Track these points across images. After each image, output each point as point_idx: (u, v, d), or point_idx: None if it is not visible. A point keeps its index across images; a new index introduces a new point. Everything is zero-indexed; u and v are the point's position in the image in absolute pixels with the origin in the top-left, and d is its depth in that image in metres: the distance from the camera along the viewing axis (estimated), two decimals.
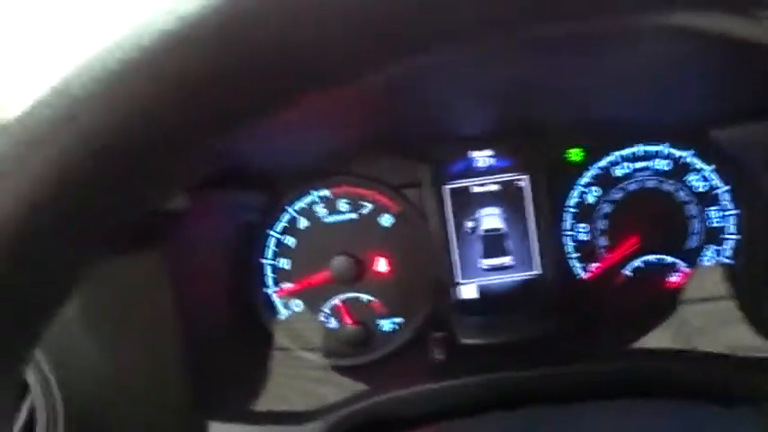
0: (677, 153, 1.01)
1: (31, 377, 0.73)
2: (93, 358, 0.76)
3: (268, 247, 1.06)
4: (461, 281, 1.05)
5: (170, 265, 0.83)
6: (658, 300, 1.02)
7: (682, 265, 1.02)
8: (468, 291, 1.05)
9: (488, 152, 1.04)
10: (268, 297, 1.06)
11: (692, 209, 1.02)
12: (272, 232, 1.06)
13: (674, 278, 1.03)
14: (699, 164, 1.01)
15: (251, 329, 1.03)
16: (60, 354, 0.74)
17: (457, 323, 1.02)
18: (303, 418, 0.83)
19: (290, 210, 1.06)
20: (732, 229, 1.01)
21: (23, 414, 0.73)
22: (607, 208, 1.03)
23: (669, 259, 1.03)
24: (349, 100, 0.79)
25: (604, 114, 0.98)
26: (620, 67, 0.77)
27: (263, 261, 1.06)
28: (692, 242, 1.02)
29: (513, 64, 0.75)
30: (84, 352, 0.76)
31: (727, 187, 1.00)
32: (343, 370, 1.03)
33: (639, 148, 1.02)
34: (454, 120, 0.97)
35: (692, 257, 1.02)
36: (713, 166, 1.00)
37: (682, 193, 1.02)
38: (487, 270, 1.05)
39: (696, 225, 1.02)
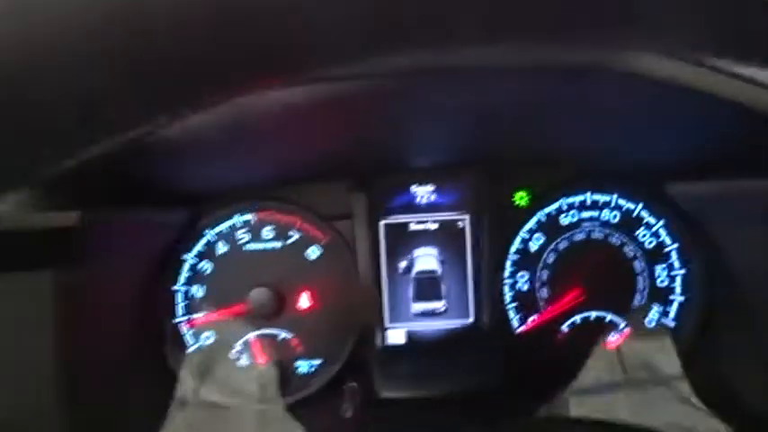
0: (628, 204, 0.95)
1: None
2: None
3: (181, 272, 0.96)
4: (389, 324, 0.97)
5: (62, 293, 0.73)
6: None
7: (623, 324, 0.96)
8: (396, 335, 0.97)
9: (430, 187, 0.96)
10: (176, 328, 0.96)
11: (640, 265, 0.96)
12: (187, 256, 0.96)
13: (613, 339, 0.96)
14: (649, 218, 0.95)
15: (154, 364, 0.92)
16: None
17: (380, 371, 0.93)
18: None
19: (208, 233, 0.96)
20: (678, 289, 0.95)
21: None
22: (551, 257, 0.97)
23: (610, 317, 0.96)
24: (284, 119, 0.71)
25: (555, 157, 0.92)
26: (577, 109, 0.71)
27: (175, 288, 0.96)
28: (637, 300, 0.96)
29: (467, 96, 0.68)
30: None
31: (676, 245, 0.94)
32: (250, 413, 0.93)
33: (588, 196, 0.96)
34: (397, 150, 0.89)
35: (635, 317, 0.96)
36: (663, 221, 0.94)
37: (629, 248, 0.96)
38: (418, 315, 0.97)
39: (642, 282, 0.96)
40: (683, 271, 0.95)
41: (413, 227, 0.96)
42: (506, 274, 0.97)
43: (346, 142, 0.82)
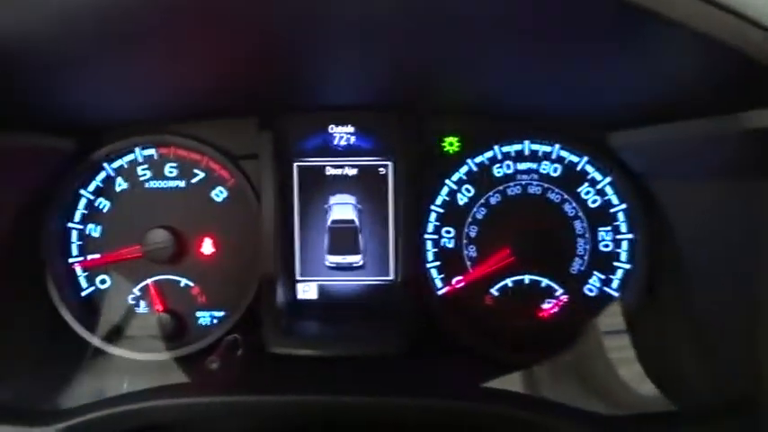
0: (571, 156, 0.84)
1: None
2: None
3: (76, 209, 0.89)
4: (300, 277, 0.88)
5: None
6: (527, 329, 0.85)
7: (559, 291, 0.86)
8: (307, 290, 0.88)
9: (350, 128, 0.86)
10: (68, 268, 0.89)
11: (581, 226, 0.85)
12: (83, 192, 0.88)
13: (547, 306, 0.86)
14: (594, 173, 0.84)
15: (34, 303, 0.85)
16: None
17: (283, 328, 0.84)
18: (40, 420, 0.67)
19: (107, 167, 0.88)
20: (624, 256, 0.84)
21: None
22: (480, 213, 0.86)
23: (546, 282, 0.86)
24: (195, 43, 0.62)
25: (491, 101, 0.81)
26: (519, 48, 0.61)
27: (69, 225, 0.88)
28: (576, 266, 0.85)
29: (397, 30, 0.58)
30: None
31: (623, 206, 0.83)
32: (138, 364, 0.86)
33: (526, 146, 0.85)
34: (315, 84, 0.79)
35: (573, 284, 0.85)
36: (610, 179, 0.83)
37: (570, 206, 0.85)
38: (332, 269, 0.88)
39: (582, 246, 0.85)
40: (629, 236, 0.84)
41: (329, 171, 0.87)
42: (430, 228, 0.87)
43: (248, 67, 0.72)
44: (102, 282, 0.89)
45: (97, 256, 0.89)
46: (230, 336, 0.81)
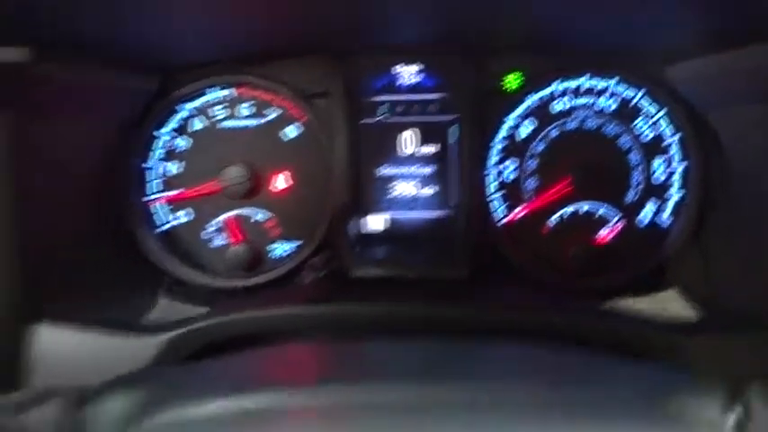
0: (627, 91, 0.89)
1: None
2: None
3: (155, 148, 0.94)
4: (368, 209, 0.93)
5: (19, 138, 0.71)
6: (584, 255, 0.91)
7: (615, 219, 0.91)
8: (375, 221, 0.94)
9: (414, 67, 0.91)
10: (146, 205, 0.94)
11: (635, 158, 0.90)
12: (161, 131, 0.93)
13: (603, 234, 0.91)
14: (650, 106, 0.88)
15: (117, 237, 0.90)
16: None
17: (356, 255, 0.90)
18: (146, 330, 0.73)
19: (184, 108, 0.93)
20: (677, 185, 0.89)
21: None
22: (540, 146, 0.91)
23: (602, 211, 0.91)
24: None
25: (552, 37, 0.85)
26: None
27: (147, 163, 0.93)
28: (631, 195, 0.90)
29: None
30: None
31: (678, 135, 0.88)
32: (219, 292, 0.92)
33: (585, 81, 0.89)
34: (383, 25, 0.83)
35: (628, 212, 0.91)
36: (665, 111, 0.88)
37: (625, 139, 0.90)
38: (398, 201, 0.93)
39: (637, 176, 0.90)
40: (682, 165, 0.89)
41: (396, 108, 0.92)
42: (492, 162, 0.92)
43: (320, 7, 0.77)
44: (181, 217, 0.94)
45: (176, 192, 0.94)
46: (313, 259, 0.87)
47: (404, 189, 0.93)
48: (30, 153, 0.73)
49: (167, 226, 0.94)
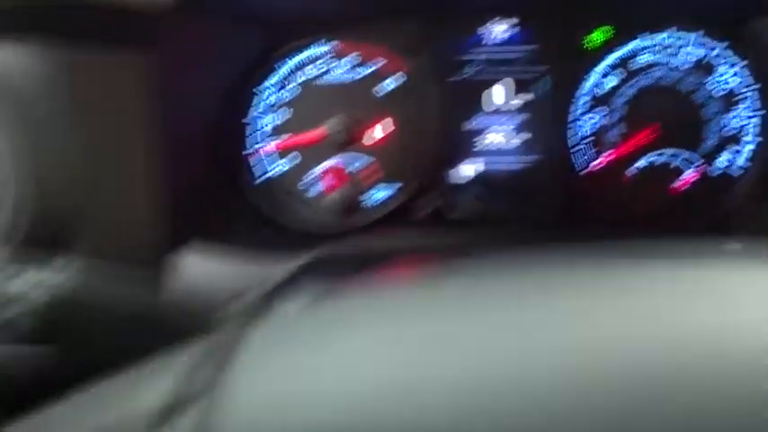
0: (708, 45, 0.95)
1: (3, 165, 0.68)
2: (68, 155, 0.71)
3: (258, 102, 1.00)
4: (460, 158, 1.00)
5: (153, 78, 0.77)
6: (663, 202, 0.97)
7: (691, 168, 0.97)
8: (467, 169, 1.00)
9: (504, 25, 0.97)
10: (254, 154, 1.01)
11: (713, 108, 0.96)
12: (263, 86, 1.00)
13: (680, 183, 0.97)
14: (730, 59, 0.94)
15: (225, 187, 0.97)
16: (37, 145, 0.69)
17: (450, 200, 0.97)
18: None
19: (286, 63, 1.00)
20: (752, 133, 0.95)
21: None
22: (623, 98, 0.97)
23: (679, 161, 0.97)
24: None
25: None
26: None
27: (250, 117, 1.00)
28: (707, 145, 0.97)
29: None
30: (60, 147, 0.71)
31: (755, 87, 0.94)
32: (324, 237, 0.98)
33: (668, 36, 0.96)
34: None
35: (704, 161, 0.97)
36: (743, 63, 0.94)
37: (704, 91, 0.96)
38: (488, 151, 1.00)
39: (714, 126, 0.96)
40: (759, 113, 0.95)
41: (486, 64, 0.98)
42: (577, 114, 0.98)
43: None
44: (281, 166, 1.01)
45: (279, 141, 1.00)
46: (413, 202, 0.94)
47: (493, 139, 1.00)
48: (167, 99, 0.80)
49: (268, 175, 1.01)
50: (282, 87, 0.99)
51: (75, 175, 0.72)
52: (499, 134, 0.99)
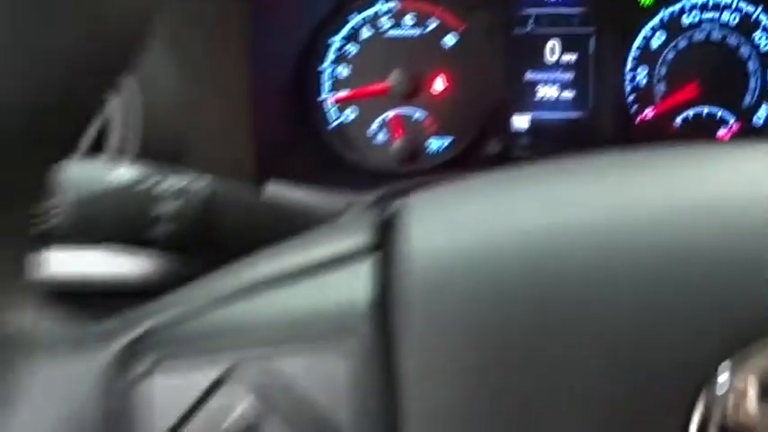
0: (749, 6, 1.01)
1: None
2: (173, 88, 0.77)
3: (328, 53, 1.06)
4: (515, 110, 1.06)
5: (245, 23, 0.84)
6: None
7: (733, 120, 1.04)
8: (521, 120, 1.06)
9: None
10: (322, 104, 1.07)
11: (753, 65, 1.02)
12: (333, 39, 1.06)
13: (721, 134, 1.04)
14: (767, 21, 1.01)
15: (309, 127, 1.04)
16: (144, 77, 0.75)
17: (504, 150, 1.03)
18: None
19: (354, 18, 1.06)
20: None
21: (94, 128, 0.75)
22: (670, 55, 1.04)
23: (722, 113, 1.04)
24: None
25: None
26: None
27: (322, 67, 1.06)
28: (748, 99, 1.03)
29: None
30: (166, 81, 0.77)
31: None
32: (388, 177, 1.05)
33: None
34: None
35: (744, 115, 1.03)
36: None
37: (746, 49, 1.02)
38: (542, 103, 1.06)
39: (755, 82, 1.03)
40: None
41: (542, 20, 1.04)
42: (627, 68, 1.05)
43: None
44: (349, 115, 1.07)
45: (345, 92, 1.07)
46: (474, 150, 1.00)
47: (546, 92, 1.06)
48: (257, 45, 0.86)
49: (339, 122, 1.07)
50: (352, 40, 1.05)
51: (179, 107, 0.78)
52: (553, 87, 1.06)
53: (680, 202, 0.28)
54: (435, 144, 1.07)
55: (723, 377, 0.23)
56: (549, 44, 1.05)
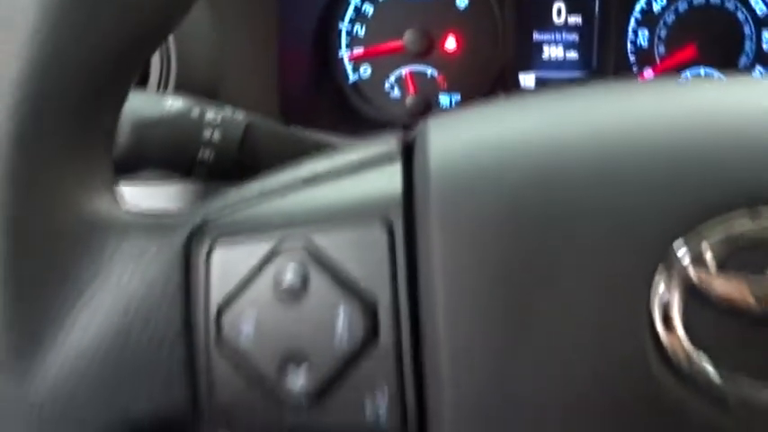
0: None
1: None
2: (208, 37, 0.83)
3: (346, 13, 1.12)
4: (522, 68, 1.12)
5: None
6: None
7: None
8: (527, 79, 1.13)
9: None
10: (341, 60, 1.13)
11: (749, 29, 1.08)
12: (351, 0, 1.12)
13: None
14: None
15: (329, 82, 1.11)
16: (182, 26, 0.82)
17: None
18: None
19: None
20: None
21: None
22: (670, 18, 1.10)
23: (718, 74, 1.10)
24: None
25: None
26: None
27: (341, 26, 1.12)
28: (743, 60, 1.09)
29: None
30: (202, 30, 0.83)
31: None
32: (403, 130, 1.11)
33: None
34: None
35: (739, 76, 1.09)
36: None
37: (742, 13, 1.08)
38: (548, 63, 1.12)
39: (749, 45, 1.09)
40: None
41: None
42: (630, 30, 1.10)
43: None
44: (365, 71, 1.14)
45: (362, 50, 1.13)
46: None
47: (552, 52, 1.12)
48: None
49: (355, 78, 1.13)
50: (365, 1, 1.11)
51: (211, 52, 0.84)
52: (559, 48, 1.12)
53: (664, 111, 0.32)
54: (446, 100, 1.14)
55: (681, 251, 0.27)
56: (556, 6, 1.11)
